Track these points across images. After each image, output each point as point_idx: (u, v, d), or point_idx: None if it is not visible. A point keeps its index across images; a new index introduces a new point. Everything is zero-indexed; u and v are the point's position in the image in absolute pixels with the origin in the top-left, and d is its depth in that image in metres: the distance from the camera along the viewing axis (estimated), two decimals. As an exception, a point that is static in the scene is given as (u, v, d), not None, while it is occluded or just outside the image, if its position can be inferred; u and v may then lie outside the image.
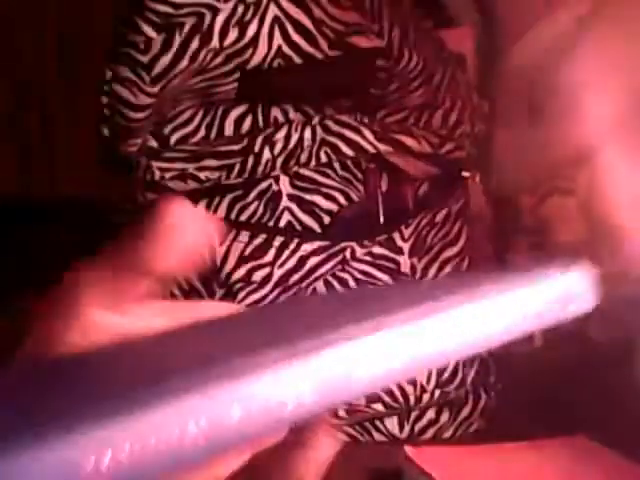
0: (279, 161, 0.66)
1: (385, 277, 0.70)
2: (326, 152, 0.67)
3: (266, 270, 0.67)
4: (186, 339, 0.36)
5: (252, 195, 0.68)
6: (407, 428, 0.73)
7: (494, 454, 0.65)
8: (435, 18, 0.73)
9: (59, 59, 1.28)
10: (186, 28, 0.62)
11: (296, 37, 0.63)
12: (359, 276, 0.70)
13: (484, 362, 0.77)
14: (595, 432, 0.67)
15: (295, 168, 0.67)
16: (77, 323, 0.34)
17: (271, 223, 0.68)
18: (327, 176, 0.69)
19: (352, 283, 0.70)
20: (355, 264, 0.70)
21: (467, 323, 0.34)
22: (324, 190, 0.69)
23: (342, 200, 0.70)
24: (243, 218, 0.68)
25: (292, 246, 0.67)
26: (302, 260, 0.67)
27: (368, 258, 0.70)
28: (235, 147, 0.66)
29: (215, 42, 0.62)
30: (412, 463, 0.63)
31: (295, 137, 0.66)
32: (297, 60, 0.64)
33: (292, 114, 0.68)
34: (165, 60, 0.62)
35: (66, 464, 0.24)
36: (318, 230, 0.69)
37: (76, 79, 1.27)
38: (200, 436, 0.27)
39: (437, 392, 0.71)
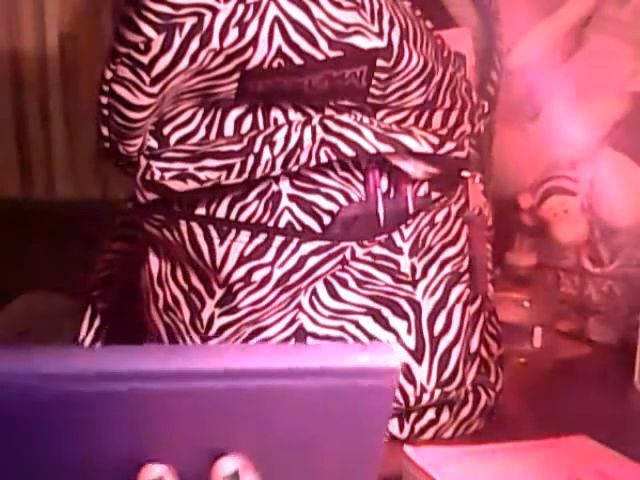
0: (279, 161, 0.66)
1: (385, 277, 0.70)
2: (326, 152, 0.67)
3: (266, 270, 0.67)
4: None
5: (252, 195, 0.68)
6: (407, 428, 0.73)
7: (494, 454, 0.65)
8: (435, 18, 0.73)
9: (59, 59, 1.28)
10: (186, 28, 0.62)
11: (296, 37, 0.63)
12: (359, 276, 0.70)
13: (484, 362, 0.77)
14: (595, 432, 0.67)
15: (295, 168, 0.67)
16: None
17: (271, 223, 0.68)
18: (327, 176, 0.69)
19: (352, 283, 0.70)
20: (355, 264, 0.70)
21: None
22: (324, 190, 0.69)
23: (342, 200, 0.70)
24: (243, 218, 0.68)
25: (292, 246, 0.67)
26: (302, 260, 0.67)
27: (368, 258, 0.70)
28: (235, 147, 0.66)
29: (215, 42, 0.62)
30: (412, 463, 0.63)
31: (295, 137, 0.66)
32: (297, 60, 0.64)
33: (292, 114, 0.68)
34: (165, 60, 0.62)
35: None
36: (318, 230, 0.69)
37: (76, 79, 1.27)
38: None
39: (437, 392, 0.71)
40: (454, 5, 0.76)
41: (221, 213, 0.68)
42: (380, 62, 0.65)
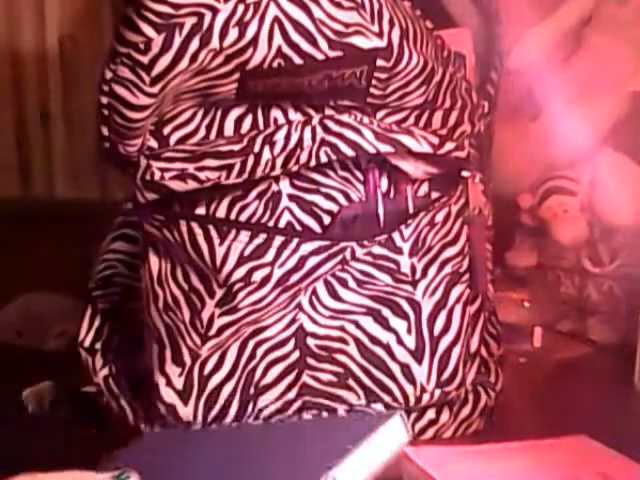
0: (279, 161, 0.66)
1: (385, 277, 0.70)
2: (326, 152, 0.67)
3: (266, 270, 0.67)
4: None
5: (252, 195, 0.68)
6: (407, 428, 0.73)
7: (494, 454, 0.65)
8: (435, 18, 0.73)
9: (59, 59, 1.28)
10: (186, 28, 0.62)
11: (296, 37, 0.63)
12: (359, 276, 0.70)
13: (484, 362, 0.77)
14: (595, 432, 0.67)
15: (295, 168, 0.67)
16: None
17: (271, 223, 0.68)
18: (327, 176, 0.69)
19: (352, 283, 0.70)
20: (355, 264, 0.70)
21: None
22: (324, 190, 0.69)
23: (342, 200, 0.70)
24: (243, 218, 0.68)
25: (292, 246, 0.67)
26: (302, 260, 0.67)
27: (368, 258, 0.70)
28: (235, 147, 0.66)
29: (215, 42, 0.62)
30: (412, 463, 0.63)
31: (295, 137, 0.66)
32: (297, 60, 0.64)
33: (292, 114, 0.68)
34: (165, 60, 0.62)
35: None
36: (318, 230, 0.69)
37: (76, 80, 1.27)
38: None
39: (437, 392, 0.71)
40: (454, 5, 0.76)
41: (221, 213, 0.68)
42: (380, 62, 0.65)
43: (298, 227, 0.69)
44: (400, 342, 0.71)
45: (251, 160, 0.66)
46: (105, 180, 1.28)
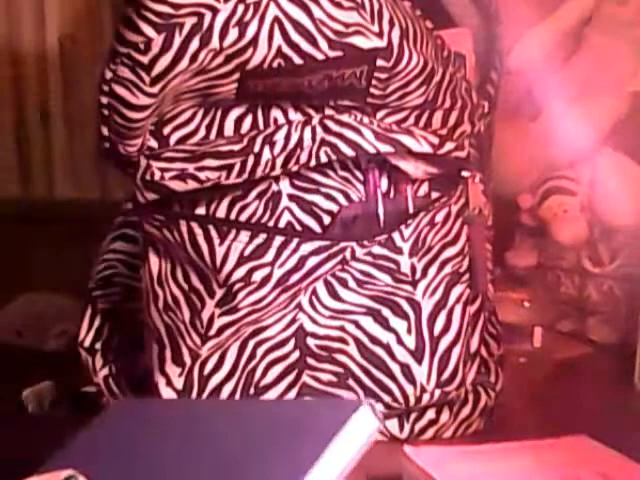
0: (279, 161, 0.66)
1: (385, 277, 0.70)
2: (326, 152, 0.67)
3: (266, 270, 0.67)
4: None
5: (252, 195, 0.68)
6: (407, 428, 0.73)
7: (494, 454, 0.65)
8: (435, 18, 0.73)
9: (59, 59, 1.28)
10: (186, 28, 0.62)
11: (296, 37, 0.63)
12: (359, 276, 0.70)
13: (484, 362, 0.77)
14: (595, 432, 0.67)
15: (295, 168, 0.67)
16: None
17: (271, 223, 0.68)
18: (327, 176, 0.69)
19: (352, 283, 0.70)
20: (355, 264, 0.70)
21: None
22: (324, 190, 0.69)
23: (342, 200, 0.70)
24: (243, 218, 0.68)
25: (292, 246, 0.67)
26: (302, 260, 0.67)
27: (368, 258, 0.70)
28: (235, 147, 0.66)
29: (215, 42, 0.62)
30: (412, 463, 0.63)
31: (295, 137, 0.66)
32: (297, 60, 0.64)
33: (292, 114, 0.68)
34: (165, 60, 0.62)
35: None
36: (318, 230, 0.69)
37: (76, 80, 1.27)
38: None
39: (437, 392, 0.71)
40: (454, 5, 0.76)
41: (221, 213, 0.68)
42: (380, 62, 0.65)
43: (298, 227, 0.69)
44: (400, 342, 0.71)
45: (251, 160, 0.66)
46: (105, 180, 1.28)
